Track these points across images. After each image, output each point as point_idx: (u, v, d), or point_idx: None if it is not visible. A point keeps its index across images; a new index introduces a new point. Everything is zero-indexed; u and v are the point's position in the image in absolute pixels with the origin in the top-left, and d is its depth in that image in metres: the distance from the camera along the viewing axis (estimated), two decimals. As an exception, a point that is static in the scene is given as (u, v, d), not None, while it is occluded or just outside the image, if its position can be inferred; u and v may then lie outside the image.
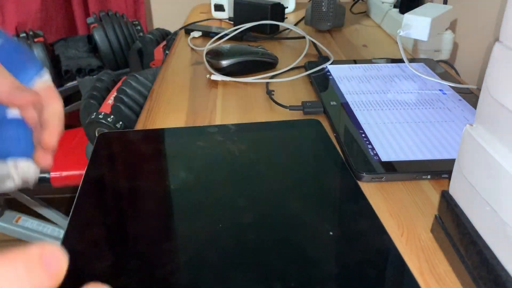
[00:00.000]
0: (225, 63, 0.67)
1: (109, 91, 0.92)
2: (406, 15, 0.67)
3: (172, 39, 0.95)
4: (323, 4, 0.89)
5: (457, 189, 0.31)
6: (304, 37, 0.83)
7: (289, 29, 0.91)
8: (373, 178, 0.42)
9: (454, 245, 0.31)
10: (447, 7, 0.70)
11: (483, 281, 0.27)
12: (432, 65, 0.70)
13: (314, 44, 0.80)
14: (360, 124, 0.51)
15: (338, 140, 0.49)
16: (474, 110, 0.53)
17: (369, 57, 0.77)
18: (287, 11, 1.07)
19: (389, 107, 0.55)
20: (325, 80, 0.65)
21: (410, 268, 0.31)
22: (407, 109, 0.55)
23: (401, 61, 0.69)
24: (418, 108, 0.55)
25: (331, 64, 0.70)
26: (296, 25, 0.95)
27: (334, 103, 0.57)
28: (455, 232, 0.31)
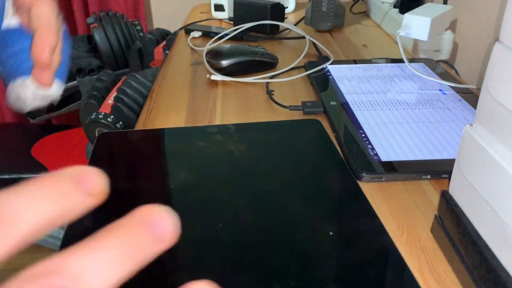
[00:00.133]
0: (225, 63, 0.67)
1: (109, 91, 0.92)
2: (406, 15, 0.67)
3: (172, 39, 0.95)
4: (323, 4, 0.89)
5: (457, 189, 0.31)
6: (304, 37, 0.83)
7: (289, 29, 0.91)
8: (373, 178, 0.42)
9: (454, 245, 0.31)
10: (447, 7, 0.70)
11: (483, 281, 0.27)
12: (432, 65, 0.70)
13: (314, 44, 0.80)
14: (360, 124, 0.51)
15: (338, 140, 0.49)
16: (474, 110, 0.53)
17: (369, 57, 0.77)
18: (287, 11, 1.07)
19: (389, 107, 0.55)
20: (325, 80, 0.65)
21: (410, 268, 0.31)
22: (407, 109, 0.55)
23: (401, 61, 0.69)
24: (418, 108, 0.55)
25: (331, 64, 0.70)
26: (296, 25, 0.95)
27: (334, 103, 0.57)
28: (455, 232, 0.31)
